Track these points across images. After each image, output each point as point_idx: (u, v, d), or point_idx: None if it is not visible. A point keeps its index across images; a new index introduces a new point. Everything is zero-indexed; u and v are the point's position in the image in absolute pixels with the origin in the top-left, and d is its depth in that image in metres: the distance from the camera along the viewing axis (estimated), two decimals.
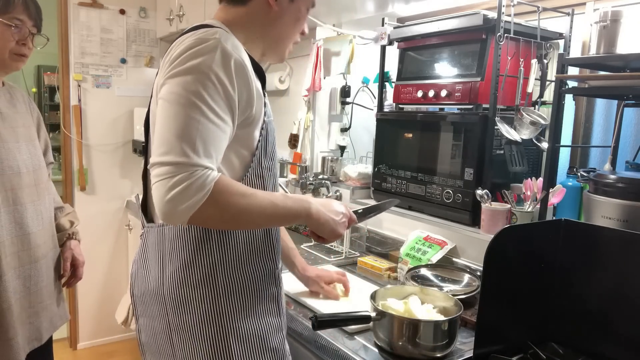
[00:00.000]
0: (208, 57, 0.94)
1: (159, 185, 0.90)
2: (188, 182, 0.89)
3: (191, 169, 0.90)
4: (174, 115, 0.92)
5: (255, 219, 1.00)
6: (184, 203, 0.89)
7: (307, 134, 2.53)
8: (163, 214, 0.91)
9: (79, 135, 2.99)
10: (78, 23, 2.93)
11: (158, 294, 1.09)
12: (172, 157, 0.90)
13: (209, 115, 0.93)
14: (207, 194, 0.91)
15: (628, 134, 1.56)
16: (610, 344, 1.20)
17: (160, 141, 0.93)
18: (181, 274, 1.06)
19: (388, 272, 1.81)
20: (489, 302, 1.17)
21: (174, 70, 0.95)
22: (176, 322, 1.07)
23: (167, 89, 0.95)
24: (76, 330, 3.17)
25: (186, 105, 0.92)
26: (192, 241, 1.05)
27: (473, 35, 1.67)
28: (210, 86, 0.93)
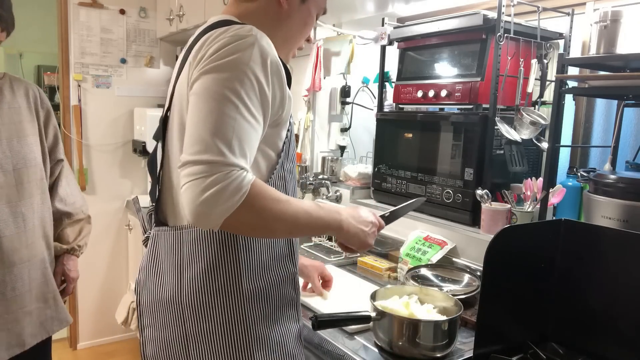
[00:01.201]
0: (245, 54, 0.89)
1: (192, 185, 0.83)
2: (224, 183, 0.83)
3: (227, 169, 0.84)
4: (209, 111, 0.87)
5: (288, 226, 0.95)
6: (219, 206, 0.83)
7: (307, 134, 2.53)
8: (196, 216, 0.84)
9: (79, 135, 2.99)
10: (78, 23, 2.93)
11: (174, 301, 1.02)
12: (208, 155, 0.84)
13: (244, 113, 0.88)
14: (243, 196, 0.85)
15: (628, 134, 1.56)
16: (610, 344, 1.20)
17: (193, 139, 0.86)
18: (204, 279, 0.99)
19: (388, 272, 1.80)
20: (489, 302, 1.17)
21: (209, 66, 0.89)
22: (195, 330, 1.00)
23: (201, 84, 0.89)
24: (76, 330, 3.17)
25: (222, 101, 0.87)
26: (216, 244, 0.99)
27: (473, 35, 1.67)
28: (247, 83, 0.89)
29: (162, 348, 1.05)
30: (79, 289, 3.11)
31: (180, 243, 1.02)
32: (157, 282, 1.06)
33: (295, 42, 1.13)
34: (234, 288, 1.00)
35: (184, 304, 1.00)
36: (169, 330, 1.04)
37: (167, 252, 1.05)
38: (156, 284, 1.06)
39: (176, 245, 1.03)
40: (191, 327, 1.01)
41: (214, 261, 0.99)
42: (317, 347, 1.34)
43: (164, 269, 1.05)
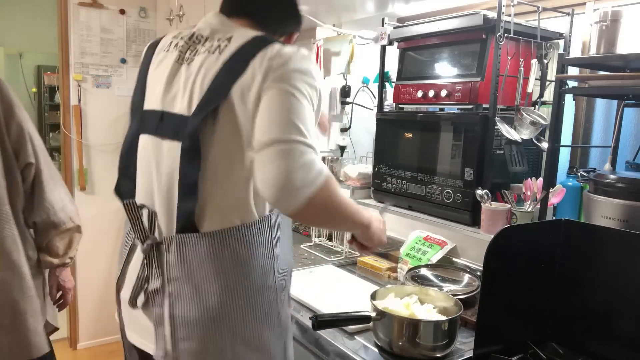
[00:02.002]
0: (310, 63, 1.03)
1: (284, 163, 0.91)
2: (312, 159, 0.93)
3: (309, 149, 0.94)
4: (296, 104, 0.96)
5: (343, 215, 1.04)
6: (308, 181, 0.91)
7: None
8: (284, 190, 0.90)
9: (79, 135, 2.99)
10: (78, 23, 2.93)
11: (220, 308, 1.01)
12: (300, 137, 0.93)
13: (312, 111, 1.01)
14: (325, 175, 0.95)
15: (628, 134, 1.56)
16: (610, 344, 1.20)
17: (284, 121, 0.94)
18: (249, 280, 1.03)
19: (388, 272, 1.81)
20: (489, 302, 1.17)
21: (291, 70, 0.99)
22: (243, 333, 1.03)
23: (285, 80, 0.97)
24: (76, 330, 3.17)
25: (305, 99, 0.98)
26: (258, 244, 1.04)
27: (473, 35, 1.67)
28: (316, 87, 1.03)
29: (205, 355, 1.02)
30: (79, 289, 3.11)
31: (221, 249, 1.01)
32: (195, 291, 1.01)
33: None
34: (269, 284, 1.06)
35: (231, 309, 1.01)
36: (212, 340, 1.01)
37: (204, 259, 1.01)
38: (194, 293, 1.01)
39: (216, 250, 1.01)
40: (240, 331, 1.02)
41: (257, 261, 1.03)
42: (317, 347, 1.34)
43: (203, 277, 1.01)
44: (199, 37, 1.10)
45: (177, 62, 1.08)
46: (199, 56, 1.06)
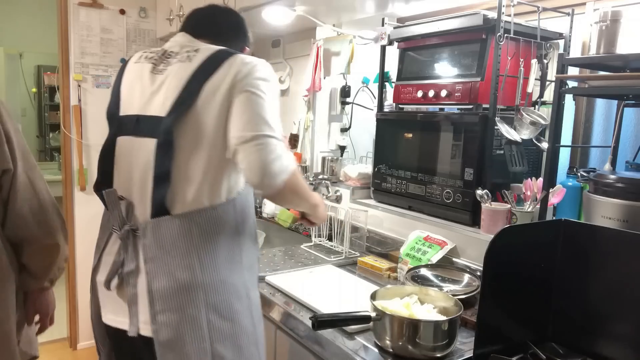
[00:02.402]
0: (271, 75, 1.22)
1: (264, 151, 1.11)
2: (285, 154, 1.14)
3: (281, 144, 1.14)
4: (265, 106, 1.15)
5: (306, 196, 1.26)
6: (287, 170, 1.13)
7: (307, 134, 2.53)
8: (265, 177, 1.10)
9: (79, 135, 2.99)
10: (78, 23, 2.93)
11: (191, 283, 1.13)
12: (271, 132, 1.13)
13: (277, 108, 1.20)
14: (294, 163, 1.17)
15: (628, 134, 1.57)
16: (610, 344, 1.20)
17: (259, 119, 1.13)
18: (219, 255, 1.17)
19: (388, 272, 1.81)
20: (489, 302, 1.17)
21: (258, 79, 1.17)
22: (215, 303, 1.15)
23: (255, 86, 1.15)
24: (76, 330, 3.17)
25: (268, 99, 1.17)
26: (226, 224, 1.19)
27: (473, 35, 1.67)
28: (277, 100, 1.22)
29: (178, 330, 1.13)
30: (79, 289, 3.11)
31: (191, 228, 1.15)
32: (170, 268, 1.14)
33: None
34: (238, 259, 1.21)
35: (202, 282, 1.14)
36: (186, 311, 1.13)
37: (176, 239, 1.15)
38: (169, 269, 1.14)
39: (187, 230, 1.15)
40: (211, 301, 1.15)
41: (225, 238, 1.19)
42: (317, 347, 1.34)
43: (176, 254, 1.14)
44: (170, 52, 1.26)
45: (152, 72, 1.24)
46: (171, 66, 1.22)
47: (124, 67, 1.33)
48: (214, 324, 1.15)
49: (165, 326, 1.13)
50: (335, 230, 2.09)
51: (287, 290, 1.60)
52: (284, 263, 1.89)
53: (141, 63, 1.27)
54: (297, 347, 1.45)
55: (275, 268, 1.82)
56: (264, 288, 1.65)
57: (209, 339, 1.13)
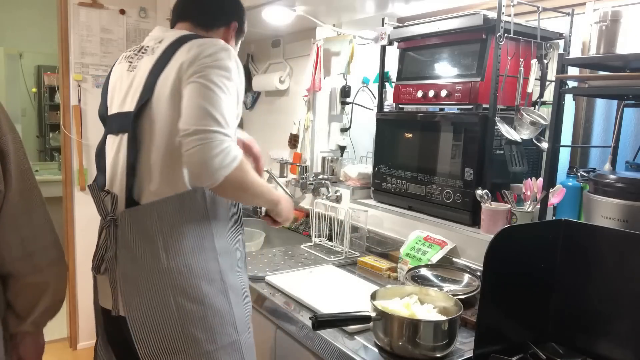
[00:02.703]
0: (233, 64, 1.19)
1: (205, 147, 1.09)
2: (227, 148, 1.11)
3: (227, 139, 1.12)
4: (213, 96, 1.13)
5: (256, 192, 1.24)
6: (224, 165, 1.10)
7: (307, 134, 2.53)
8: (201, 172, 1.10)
9: (79, 135, 2.99)
10: (78, 23, 2.93)
11: (159, 268, 1.19)
12: (215, 127, 1.11)
13: (232, 100, 1.18)
14: (237, 161, 1.14)
15: (628, 134, 1.57)
16: (610, 344, 1.20)
17: (202, 112, 1.11)
18: (186, 242, 1.21)
19: (388, 272, 1.81)
20: (489, 302, 1.17)
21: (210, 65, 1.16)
22: (183, 286, 1.19)
23: (204, 76, 1.14)
24: (76, 330, 3.17)
25: (221, 90, 1.14)
26: (193, 211, 1.21)
27: (473, 35, 1.67)
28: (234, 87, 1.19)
29: (149, 313, 1.20)
30: (79, 289, 3.11)
31: (161, 215, 1.20)
32: (139, 254, 1.21)
33: None
34: (210, 246, 1.24)
35: (169, 268, 1.19)
36: (156, 295, 1.19)
37: (144, 227, 1.20)
38: (139, 255, 1.21)
39: (154, 219, 1.20)
40: (180, 285, 1.19)
41: (192, 225, 1.21)
42: (317, 347, 1.34)
43: (143, 242, 1.20)
44: (145, 48, 1.32)
45: (127, 70, 1.31)
46: (141, 61, 1.29)
47: (111, 69, 1.42)
48: (184, 307, 1.19)
49: (137, 309, 1.20)
50: (335, 230, 2.09)
51: (287, 290, 1.60)
52: (284, 263, 1.89)
53: (122, 63, 1.36)
54: (297, 347, 1.45)
55: (275, 268, 1.82)
56: (264, 288, 1.65)
57: (179, 320, 1.19)
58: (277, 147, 2.80)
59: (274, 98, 2.87)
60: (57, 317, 1.53)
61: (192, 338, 1.19)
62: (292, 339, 1.48)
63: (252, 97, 3.09)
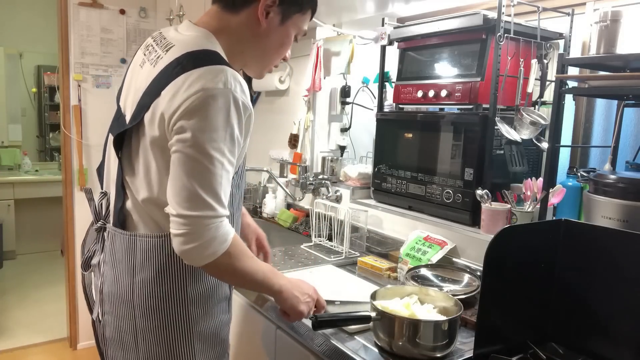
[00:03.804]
0: (227, 113, 1.00)
1: (185, 236, 1.01)
2: (212, 237, 1.02)
3: (216, 221, 1.02)
4: (199, 169, 1.00)
5: (247, 279, 1.14)
6: (206, 254, 1.03)
7: (307, 134, 2.53)
8: (185, 257, 1.04)
9: (79, 135, 2.99)
10: (78, 23, 2.93)
11: (126, 298, 1.14)
12: (199, 212, 1.00)
13: (227, 167, 1.03)
14: (226, 247, 1.05)
15: (628, 134, 1.56)
16: (610, 344, 1.20)
17: (185, 193, 1.00)
18: (153, 283, 1.12)
19: (388, 272, 1.81)
20: (489, 302, 1.17)
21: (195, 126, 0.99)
22: (143, 325, 1.14)
23: (190, 142, 0.99)
24: (76, 330, 3.17)
25: (209, 160, 1.00)
26: (165, 254, 1.12)
27: (473, 35, 1.67)
28: (230, 140, 1.02)
29: (116, 333, 1.19)
30: (79, 289, 3.11)
31: (135, 248, 1.13)
32: (114, 278, 1.17)
33: (270, 61, 1.22)
34: (180, 292, 1.14)
35: (134, 303, 1.13)
36: (122, 321, 1.16)
37: (122, 254, 1.15)
38: (114, 279, 1.17)
39: (131, 250, 1.14)
40: (140, 323, 1.14)
41: (164, 268, 1.12)
42: (317, 347, 1.34)
43: (121, 268, 1.16)
44: (161, 40, 1.14)
45: (139, 65, 1.16)
46: (146, 64, 1.13)
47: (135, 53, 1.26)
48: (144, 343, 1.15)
49: (109, 325, 1.20)
50: (335, 230, 2.09)
51: None
52: (284, 263, 1.89)
53: (141, 52, 1.20)
54: (297, 347, 1.45)
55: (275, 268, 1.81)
56: None
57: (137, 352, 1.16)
58: (277, 147, 2.80)
59: (274, 98, 2.88)
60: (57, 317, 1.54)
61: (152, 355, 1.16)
62: (292, 339, 1.48)
63: (252, 97, 3.09)
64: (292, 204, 2.61)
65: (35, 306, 3.75)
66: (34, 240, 4.88)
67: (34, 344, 3.20)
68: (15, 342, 3.21)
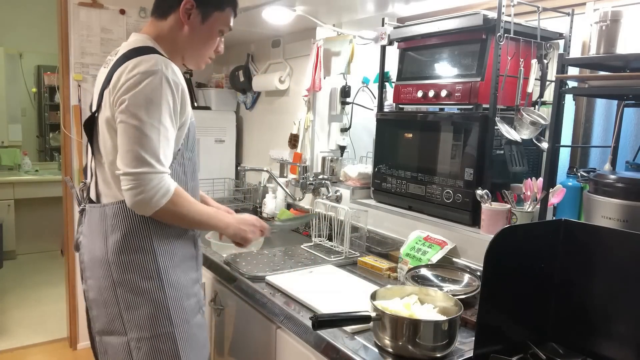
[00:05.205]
0: (159, 88, 1.24)
1: (132, 190, 1.24)
2: (155, 189, 1.25)
3: (157, 177, 1.25)
4: (139, 135, 1.23)
5: (195, 221, 1.38)
6: (152, 205, 1.26)
7: (307, 134, 2.53)
8: (135, 208, 1.28)
9: (79, 135, 2.99)
10: (78, 23, 2.93)
11: (103, 259, 1.35)
12: (142, 168, 1.23)
13: (163, 132, 1.27)
14: (168, 197, 1.28)
15: (628, 134, 1.57)
16: (610, 344, 1.20)
17: (130, 155, 1.24)
18: (124, 240, 1.33)
19: (388, 272, 1.81)
20: (489, 302, 1.17)
21: (132, 98, 1.23)
22: (120, 278, 1.33)
23: (128, 112, 1.24)
24: (76, 330, 3.17)
25: (148, 127, 1.24)
26: (130, 215, 1.33)
27: (473, 35, 1.67)
28: (165, 110, 1.26)
29: (98, 294, 1.38)
30: (79, 289, 3.10)
31: (106, 216, 1.36)
32: (92, 245, 1.39)
33: (202, 54, 1.46)
34: (147, 245, 1.34)
35: (110, 260, 1.34)
36: (102, 281, 1.36)
37: (96, 223, 1.38)
38: (91, 246, 1.39)
39: (103, 218, 1.36)
40: (117, 278, 1.34)
41: (132, 228, 1.33)
42: (317, 347, 1.34)
43: (95, 235, 1.38)
44: (115, 53, 1.39)
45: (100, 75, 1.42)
46: (101, 70, 1.40)
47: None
48: (123, 296, 1.34)
49: (91, 289, 1.40)
50: (335, 230, 2.09)
51: (287, 290, 1.60)
52: (284, 263, 1.89)
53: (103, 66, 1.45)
54: (297, 347, 1.45)
55: (275, 268, 1.82)
56: (264, 288, 1.65)
57: (117, 305, 1.34)
58: (277, 147, 2.80)
59: (274, 98, 2.87)
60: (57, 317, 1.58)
61: (129, 323, 1.34)
62: (292, 339, 1.48)
63: (252, 97, 3.09)
64: (292, 204, 2.61)
65: (35, 306, 3.75)
66: (34, 240, 4.88)
67: (34, 344, 3.20)
68: (15, 342, 3.21)
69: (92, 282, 1.39)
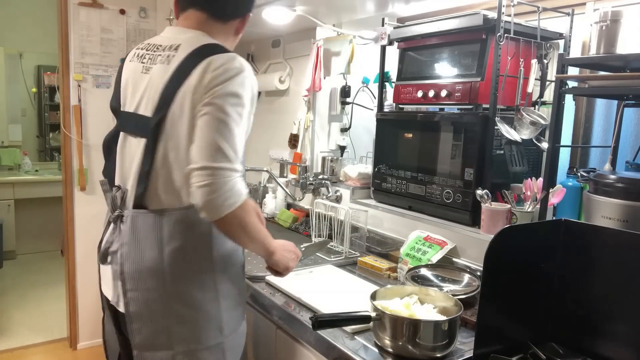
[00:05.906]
0: (246, 87, 1.20)
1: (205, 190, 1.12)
2: (231, 191, 1.14)
3: (234, 175, 1.15)
4: (224, 129, 1.16)
5: (254, 236, 1.25)
6: (224, 205, 1.14)
7: (307, 134, 2.53)
8: (205, 209, 1.14)
9: (79, 135, 2.99)
10: (78, 23, 2.93)
11: (157, 269, 1.25)
12: (223, 163, 1.14)
13: (242, 130, 1.20)
14: (243, 198, 1.17)
15: (628, 134, 1.57)
16: (610, 344, 1.20)
17: (210, 148, 1.14)
18: (183, 251, 1.25)
19: (388, 272, 1.81)
20: (489, 302, 1.17)
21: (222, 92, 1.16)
22: (174, 290, 1.25)
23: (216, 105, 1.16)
24: (76, 330, 3.17)
25: (231, 119, 1.16)
26: (196, 224, 1.24)
27: (473, 35, 1.67)
28: (247, 109, 1.21)
29: (144, 306, 1.27)
30: (79, 289, 3.11)
31: (161, 223, 1.25)
32: (140, 255, 1.27)
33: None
34: (206, 256, 1.27)
35: (165, 271, 1.25)
36: (150, 292, 1.26)
37: (147, 231, 1.26)
38: (140, 255, 1.27)
39: (157, 225, 1.25)
40: (171, 288, 1.25)
41: (192, 237, 1.25)
42: (317, 347, 1.34)
43: (145, 244, 1.26)
44: (159, 50, 1.31)
45: (141, 72, 1.31)
46: (155, 66, 1.28)
47: (122, 65, 1.41)
48: (176, 309, 1.26)
49: (134, 301, 1.28)
50: (335, 230, 2.09)
51: (287, 290, 1.60)
52: None
53: (133, 61, 1.36)
54: (297, 347, 1.45)
55: None
56: (264, 288, 1.65)
57: (170, 319, 1.26)
58: (277, 147, 2.80)
59: (274, 98, 2.87)
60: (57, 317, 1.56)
61: (180, 336, 1.26)
62: (292, 339, 1.48)
63: None
64: (292, 204, 2.61)
65: (35, 306, 3.75)
66: (34, 240, 4.88)
67: (34, 344, 3.20)
68: (15, 342, 3.21)
69: (137, 295, 1.28)
